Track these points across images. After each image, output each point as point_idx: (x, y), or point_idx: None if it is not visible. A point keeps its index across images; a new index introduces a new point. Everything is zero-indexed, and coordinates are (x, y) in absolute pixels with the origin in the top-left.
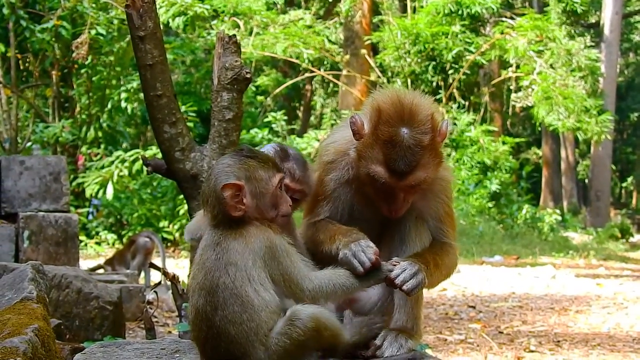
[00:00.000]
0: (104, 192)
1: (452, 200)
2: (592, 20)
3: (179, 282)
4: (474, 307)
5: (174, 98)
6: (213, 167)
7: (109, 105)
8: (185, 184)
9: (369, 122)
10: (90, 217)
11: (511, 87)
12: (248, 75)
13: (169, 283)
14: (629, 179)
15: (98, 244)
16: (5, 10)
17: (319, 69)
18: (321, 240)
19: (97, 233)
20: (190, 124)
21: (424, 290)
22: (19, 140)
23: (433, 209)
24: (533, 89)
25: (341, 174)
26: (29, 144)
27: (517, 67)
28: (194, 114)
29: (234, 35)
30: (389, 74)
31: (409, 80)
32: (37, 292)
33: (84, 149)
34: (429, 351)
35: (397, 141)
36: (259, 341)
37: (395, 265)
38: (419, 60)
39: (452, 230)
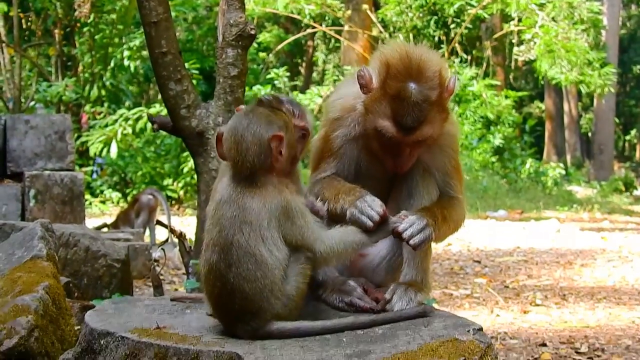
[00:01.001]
0: (108, 151)
1: (458, 154)
2: None
3: (186, 239)
4: (479, 262)
5: (179, 55)
6: (248, 116)
7: (112, 64)
8: (191, 140)
9: (377, 76)
10: (95, 175)
11: (513, 41)
12: (252, 32)
13: (175, 240)
14: (632, 132)
15: (103, 202)
16: None
17: (321, 25)
18: (326, 197)
19: (102, 192)
20: (194, 82)
21: (432, 244)
22: (23, 100)
23: (440, 163)
24: (535, 43)
25: (348, 131)
26: (32, 103)
27: (519, 20)
28: (196, 72)
29: None
30: (391, 29)
31: (410, 35)
32: (47, 250)
33: (87, 107)
34: (435, 306)
35: (405, 96)
36: (274, 297)
37: (403, 219)
38: (421, 14)
39: (460, 184)
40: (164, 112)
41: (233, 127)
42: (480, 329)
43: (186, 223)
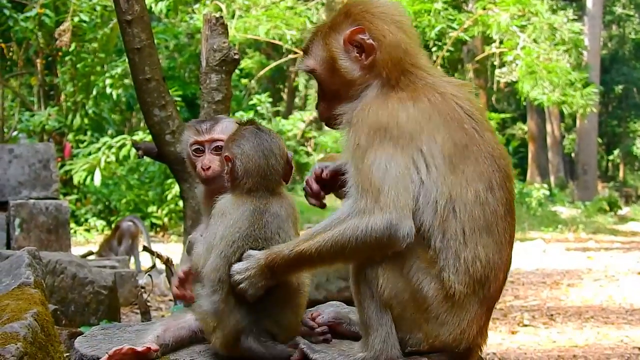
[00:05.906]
0: (92, 179)
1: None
2: None
3: (173, 265)
4: None
5: (163, 81)
6: (264, 133)
7: (94, 92)
8: (176, 166)
9: None
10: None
11: (495, 63)
12: (236, 56)
13: (161, 267)
14: (615, 152)
15: (87, 230)
16: None
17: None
18: None
19: (86, 220)
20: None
21: None
22: (5, 130)
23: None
24: (517, 64)
25: None
26: (15, 133)
27: (501, 42)
28: (179, 99)
29: (221, 17)
30: None
31: None
32: (35, 278)
33: (70, 136)
34: None
35: None
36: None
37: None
38: None
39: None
40: (148, 139)
41: (258, 143)
42: None
43: (171, 250)
